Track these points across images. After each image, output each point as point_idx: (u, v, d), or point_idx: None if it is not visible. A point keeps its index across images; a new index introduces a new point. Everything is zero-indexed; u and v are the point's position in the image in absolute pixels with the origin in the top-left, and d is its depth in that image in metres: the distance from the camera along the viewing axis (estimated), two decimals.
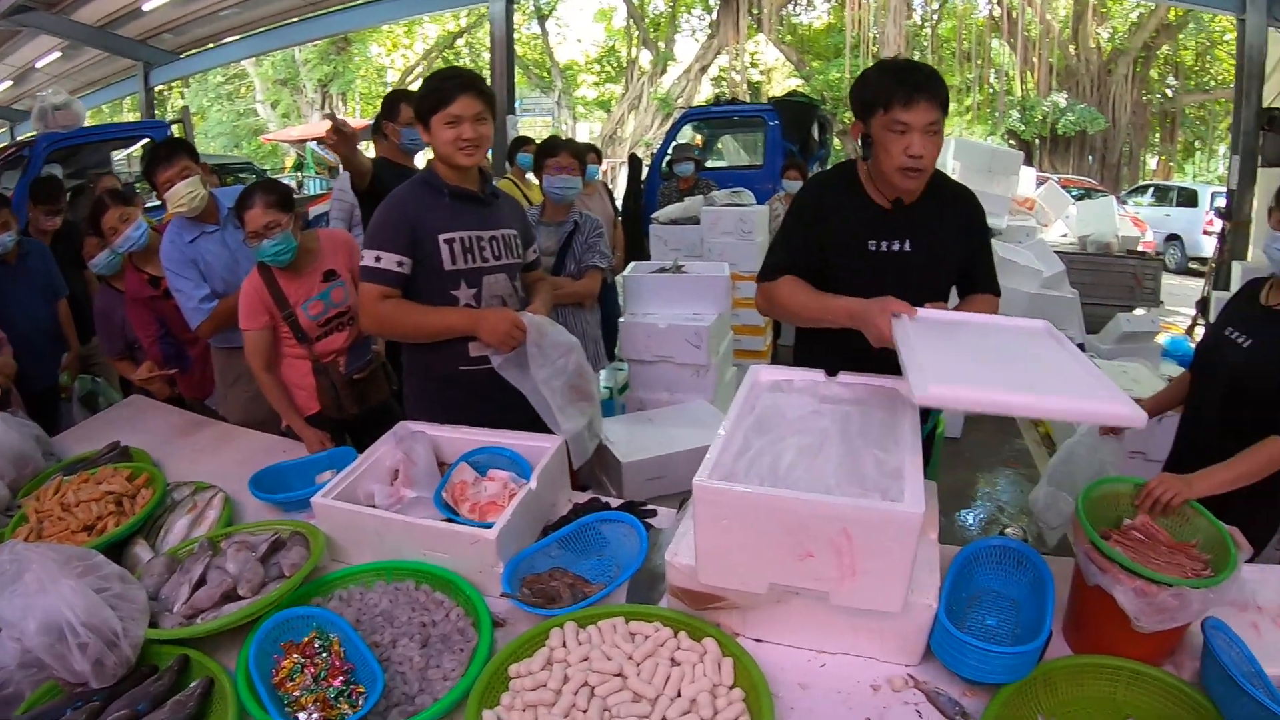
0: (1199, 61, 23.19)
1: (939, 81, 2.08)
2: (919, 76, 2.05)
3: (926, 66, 2.12)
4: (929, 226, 2.24)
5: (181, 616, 1.81)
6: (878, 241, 2.24)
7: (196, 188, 3.16)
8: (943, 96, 2.07)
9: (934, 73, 2.10)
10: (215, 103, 28.23)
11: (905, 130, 2.05)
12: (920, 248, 2.24)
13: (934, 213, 2.25)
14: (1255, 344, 2.28)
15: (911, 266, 2.24)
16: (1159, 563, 1.70)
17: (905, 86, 2.03)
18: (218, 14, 10.73)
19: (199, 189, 3.17)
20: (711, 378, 4.46)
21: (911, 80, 2.04)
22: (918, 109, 2.03)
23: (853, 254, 2.26)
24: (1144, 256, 9.68)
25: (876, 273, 2.24)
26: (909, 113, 2.03)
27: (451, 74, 2.47)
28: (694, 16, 27.06)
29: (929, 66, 2.13)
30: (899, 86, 2.03)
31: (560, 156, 3.85)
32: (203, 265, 3.21)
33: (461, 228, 2.52)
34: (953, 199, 2.31)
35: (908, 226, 2.24)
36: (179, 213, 3.18)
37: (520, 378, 2.50)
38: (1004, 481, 5.35)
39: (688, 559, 1.71)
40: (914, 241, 2.24)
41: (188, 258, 3.19)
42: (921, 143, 2.05)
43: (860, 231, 2.25)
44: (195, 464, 2.77)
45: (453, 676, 1.66)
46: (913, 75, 2.06)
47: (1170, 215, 15.63)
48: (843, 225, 2.26)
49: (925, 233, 2.24)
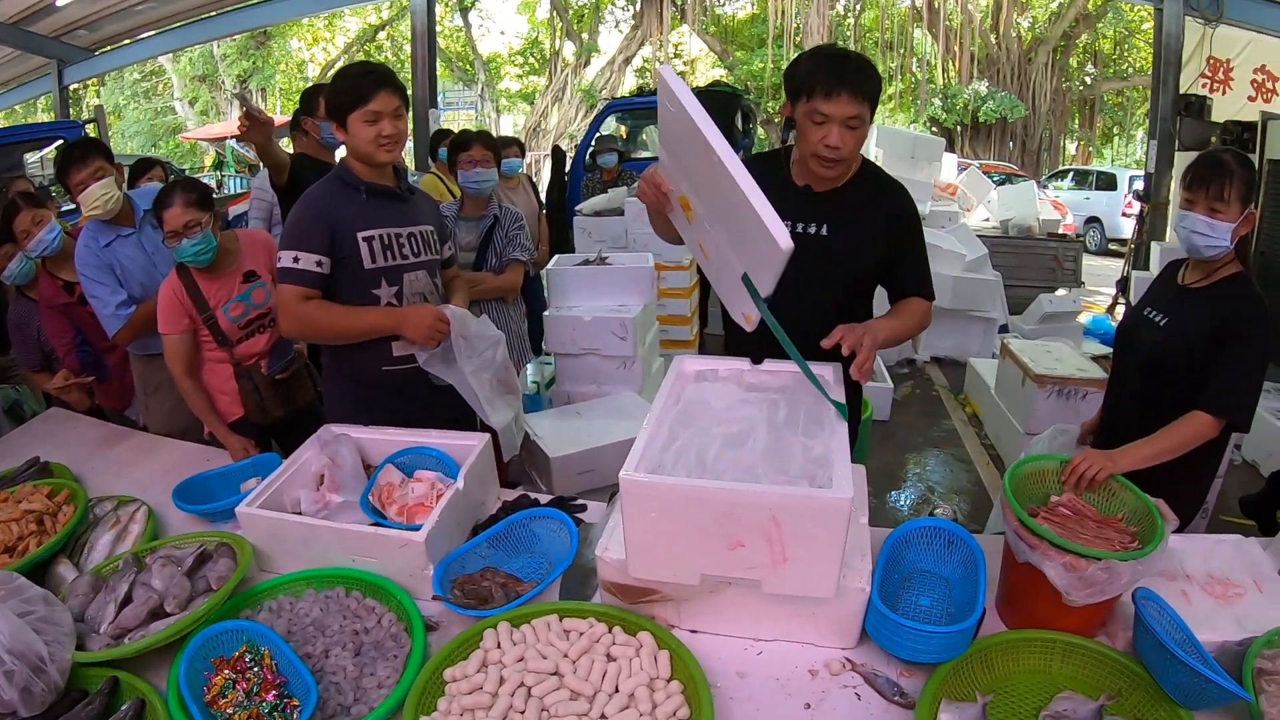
0: (1117, 50, 23.83)
1: (869, 76, 2.06)
2: (847, 69, 2.03)
3: (860, 59, 2.09)
4: (850, 214, 2.23)
5: (109, 637, 1.75)
6: (793, 223, 2.22)
7: (111, 189, 3.07)
8: (869, 91, 2.05)
9: (866, 66, 2.08)
10: (132, 101, 27.37)
11: (825, 121, 2.05)
12: (839, 234, 2.23)
13: (858, 201, 2.24)
14: (1170, 322, 2.33)
15: (829, 252, 2.23)
16: (1087, 537, 1.74)
17: (830, 77, 2.01)
18: (133, 9, 10.38)
19: (114, 190, 3.08)
20: (638, 369, 4.47)
21: (839, 72, 2.01)
22: (839, 101, 2.02)
23: None
24: (1065, 239, 9.96)
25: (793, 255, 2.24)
26: (830, 104, 2.02)
27: (366, 70, 2.40)
28: (617, 8, 26.97)
29: (864, 60, 2.10)
30: (824, 77, 2.02)
31: (473, 150, 3.80)
32: (119, 270, 3.11)
33: (380, 225, 2.47)
34: (881, 191, 2.29)
35: (828, 212, 2.23)
36: (94, 215, 3.08)
37: (447, 371, 2.47)
38: (933, 462, 5.44)
39: (618, 553, 1.71)
40: (832, 227, 2.23)
41: (104, 262, 3.09)
42: (840, 135, 2.05)
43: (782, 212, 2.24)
44: (117, 477, 2.68)
45: (388, 684, 1.64)
46: (841, 67, 2.03)
47: (1090, 199, 16.13)
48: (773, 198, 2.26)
49: (846, 219, 2.23)
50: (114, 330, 3.10)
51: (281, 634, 1.73)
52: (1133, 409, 2.42)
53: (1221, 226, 2.16)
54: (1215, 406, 2.13)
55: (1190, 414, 2.14)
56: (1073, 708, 1.52)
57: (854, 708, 1.59)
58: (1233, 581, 1.85)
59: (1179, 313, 2.33)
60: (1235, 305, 2.20)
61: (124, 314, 3.07)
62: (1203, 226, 2.18)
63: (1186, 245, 2.25)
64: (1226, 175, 2.15)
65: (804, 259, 2.22)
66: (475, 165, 3.78)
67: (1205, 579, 1.86)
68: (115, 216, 3.11)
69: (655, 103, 1.86)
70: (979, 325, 7.45)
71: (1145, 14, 19.65)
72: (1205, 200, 2.17)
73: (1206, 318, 2.22)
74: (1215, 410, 2.12)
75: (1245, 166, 2.19)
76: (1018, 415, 5.13)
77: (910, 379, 7.00)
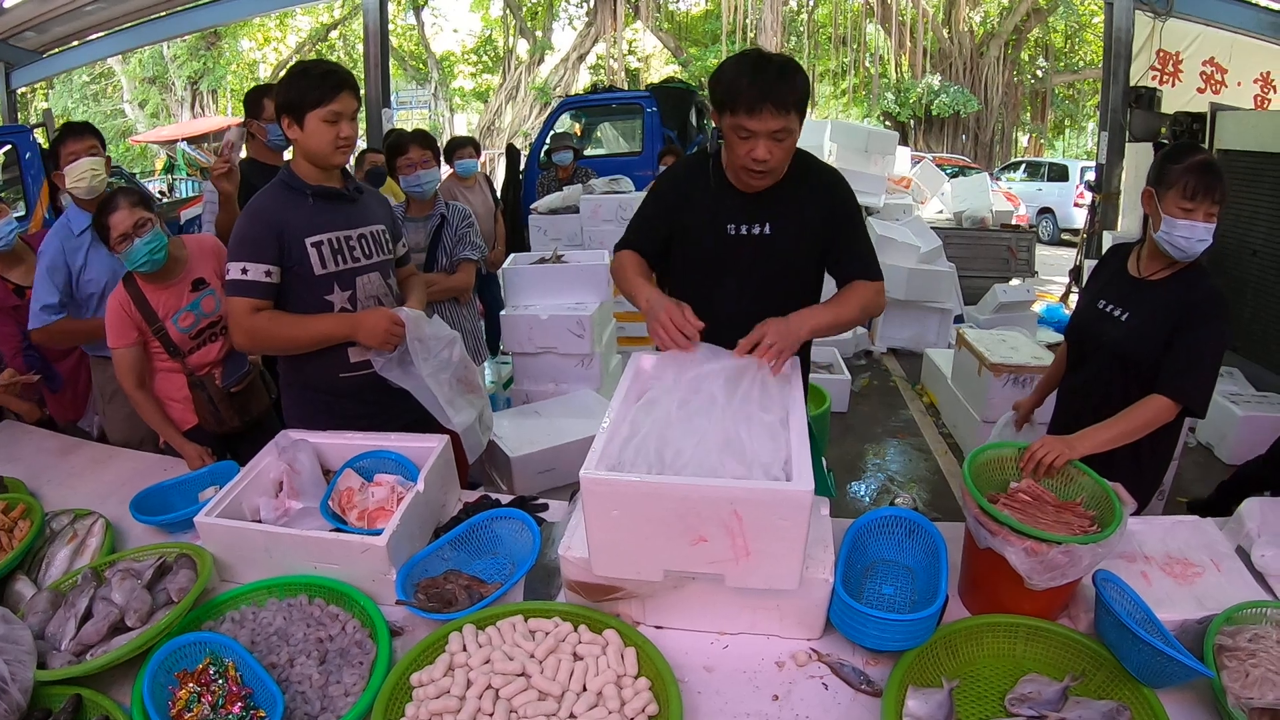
0: (1068, 43, 24.23)
1: (792, 85, 1.98)
2: (769, 81, 1.95)
3: (782, 66, 2.00)
4: (791, 210, 2.22)
5: (70, 654, 1.71)
6: (737, 225, 2.23)
7: (100, 168, 3.08)
8: (794, 100, 1.98)
9: (789, 73, 1.99)
10: (80, 104, 26.72)
11: (750, 136, 2.01)
12: (781, 231, 2.23)
13: (797, 197, 2.22)
14: (1132, 317, 2.36)
15: (773, 249, 2.24)
16: (1047, 522, 1.78)
17: (752, 92, 1.95)
18: (82, 10, 10.12)
19: (103, 170, 3.09)
20: (596, 367, 4.46)
21: (761, 85, 1.95)
22: (763, 117, 1.96)
23: (712, 236, 2.26)
24: (1018, 229, 10.15)
25: (736, 255, 2.25)
26: (753, 120, 1.98)
27: (330, 69, 2.34)
28: (571, 5, 26.92)
29: (786, 65, 2.01)
30: (745, 92, 1.96)
31: (411, 152, 3.71)
32: (83, 261, 3.07)
33: (328, 228, 2.42)
34: (818, 182, 2.25)
35: (769, 210, 2.22)
36: (78, 190, 3.06)
37: (404, 376, 2.44)
38: (892, 452, 5.51)
39: (581, 552, 1.71)
40: (774, 224, 2.23)
41: (61, 260, 3.04)
42: (766, 148, 2.01)
43: (720, 214, 2.24)
44: (73, 490, 2.62)
45: (354, 691, 1.62)
46: (761, 78, 1.95)
47: (1042, 190, 16.42)
48: (702, 207, 2.26)
49: (787, 216, 2.23)
50: (32, 326, 3.04)
51: (245, 644, 1.71)
52: (1091, 399, 2.44)
53: (1214, 228, 2.20)
54: (1174, 391, 2.17)
55: (1148, 398, 2.18)
56: (1038, 689, 1.55)
57: (822, 697, 1.61)
58: (1191, 561, 1.89)
59: (1140, 306, 2.35)
60: (1198, 295, 2.23)
61: (46, 318, 3.02)
62: (1204, 233, 2.19)
63: (1185, 252, 2.23)
64: (1220, 179, 2.17)
65: (747, 258, 2.24)
66: (415, 168, 3.71)
67: (1164, 560, 1.90)
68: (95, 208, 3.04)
69: (609, 100, 1.86)
70: (935, 316, 7.55)
71: (1096, 8, 20.07)
72: (1204, 207, 2.18)
73: (1168, 310, 2.26)
74: (1174, 395, 2.16)
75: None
76: (974, 404, 5.21)
77: (868, 370, 7.07)
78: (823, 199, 2.24)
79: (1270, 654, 1.54)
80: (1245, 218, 5.91)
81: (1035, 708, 1.51)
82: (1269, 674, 1.49)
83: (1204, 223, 2.18)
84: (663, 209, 2.35)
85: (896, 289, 7.15)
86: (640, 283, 2.21)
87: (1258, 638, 1.58)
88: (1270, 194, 5.73)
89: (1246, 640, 1.58)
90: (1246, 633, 1.60)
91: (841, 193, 2.28)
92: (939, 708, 1.49)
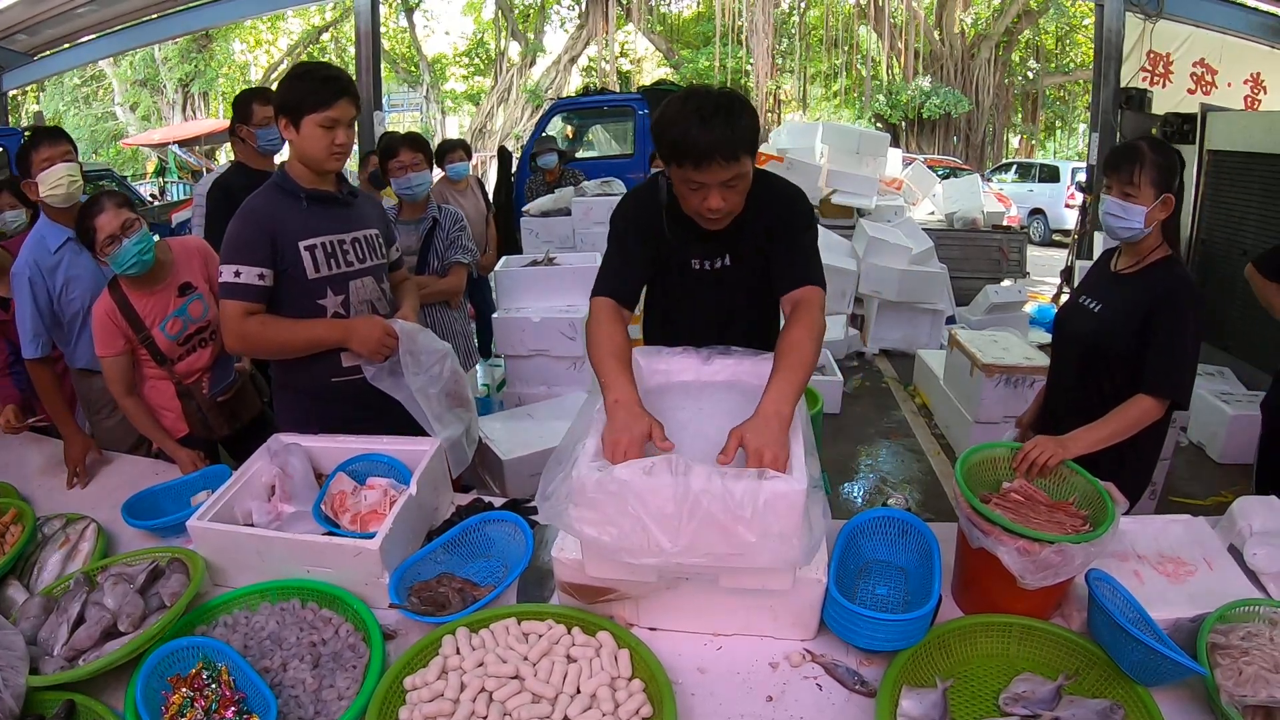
0: (1059, 45, 24.34)
1: (738, 132, 1.85)
2: (713, 132, 1.82)
3: (727, 108, 1.85)
4: (748, 237, 2.16)
5: (63, 659, 1.71)
6: (701, 260, 2.21)
7: (76, 174, 2.93)
8: (744, 144, 1.87)
9: (734, 118, 1.85)
10: (72, 107, 26.70)
11: (700, 188, 1.93)
12: (741, 259, 2.20)
13: (753, 224, 2.13)
14: (1104, 308, 2.40)
15: (735, 279, 2.22)
16: (1039, 521, 1.78)
17: (699, 146, 1.83)
18: (74, 12, 10.08)
19: (79, 177, 2.94)
20: (589, 369, 4.42)
21: (707, 137, 1.82)
22: (710, 170, 1.86)
23: (675, 272, 2.24)
24: (1009, 230, 10.16)
25: (700, 289, 2.25)
26: (701, 173, 1.88)
27: (331, 74, 2.32)
28: (563, 7, 27.01)
29: (731, 106, 1.86)
30: (692, 146, 1.84)
31: (401, 156, 3.68)
32: (63, 280, 2.93)
33: (322, 232, 2.40)
34: (768, 202, 2.14)
35: (730, 242, 2.17)
36: (53, 198, 2.91)
37: (394, 386, 2.43)
38: (885, 452, 5.50)
39: (574, 553, 1.70)
40: (734, 254, 2.20)
41: (40, 278, 2.90)
42: (720, 196, 1.93)
43: (680, 250, 2.21)
44: (65, 494, 2.62)
45: (348, 695, 1.62)
46: (707, 129, 1.82)
47: (1033, 191, 16.49)
48: (663, 244, 2.20)
49: (745, 243, 2.17)
50: (29, 355, 2.92)
51: (238, 649, 1.70)
52: (1072, 395, 2.48)
53: (1134, 209, 2.24)
54: (1157, 388, 2.18)
55: (1134, 398, 2.20)
56: (1032, 689, 1.55)
57: (816, 698, 1.61)
58: (1184, 560, 1.90)
59: (1112, 298, 2.39)
60: (1167, 286, 2.25)
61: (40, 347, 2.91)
62: (1115, 208, 2.27)
63: (1105, 227, 2.35)
64: (1138, 160, 2.23)
65: (709, 290, 2.24)
66: (406, 170, 3.67)
67: (1157, 558, 1.91)
68: (69, 218, 2.90)
69: (601, 102, 1.85)
70: (926, 317, 7.55)
71: (1086, 9, 20.16)
72: (1119, 184, 2.26)
73: (1139, 301, 2.28)
74: (1158, 392, 2.18)
75: (1161, 153, 2.25)
76: (967, 405, 5.22)
77: (860, 371, 7.07)
78: (769, 218, 2.14)
79: (1263, 652, 1.54)
80: (1235, 218, 5.94)
81: (1029, 707, 1.51)
82: (1262, 671, 1.50)
83: (1116, 199, 2.27)
84: (640, 244, 2.20)
85: (889, 290, 7.17)
86: (615, 372, 1.87)
87: (1251, 635, 1.59)
88: (1260, 194, 5.76)
89: (1239, 638, 1.58)
90: (1239, 631, 1.61)
91: (787, 207, 2.17)
92: (933, 708, 1.49)
